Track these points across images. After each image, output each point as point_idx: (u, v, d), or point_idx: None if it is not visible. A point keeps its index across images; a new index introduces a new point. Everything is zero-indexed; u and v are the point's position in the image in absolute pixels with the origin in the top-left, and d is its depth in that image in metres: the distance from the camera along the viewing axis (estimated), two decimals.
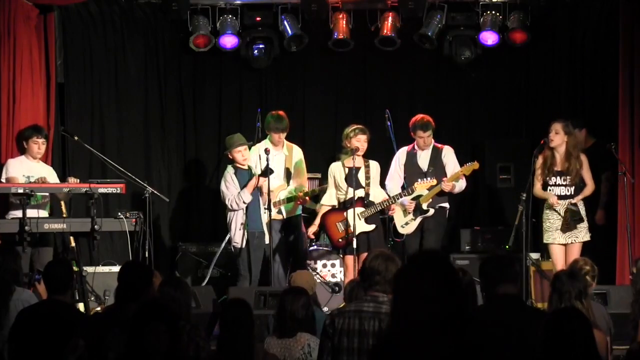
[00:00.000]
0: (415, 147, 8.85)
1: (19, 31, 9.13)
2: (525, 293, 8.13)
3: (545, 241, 8.33)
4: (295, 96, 10.87)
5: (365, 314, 4.56)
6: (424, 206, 8.64)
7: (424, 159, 8.82)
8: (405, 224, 8.72)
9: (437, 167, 8.74)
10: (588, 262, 6.29)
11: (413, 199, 8.62)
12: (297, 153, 9.07)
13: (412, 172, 8.78)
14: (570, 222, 8.15)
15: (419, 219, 8.69)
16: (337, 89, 10.87)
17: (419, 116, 8.84)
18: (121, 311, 4.52)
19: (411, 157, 8.85)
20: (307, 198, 8.84)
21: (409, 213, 8.67)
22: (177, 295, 4.98)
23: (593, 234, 8.48)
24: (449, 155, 8.83)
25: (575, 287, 5.08)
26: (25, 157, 8.57)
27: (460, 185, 8.74)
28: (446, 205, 8.82)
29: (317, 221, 8.61)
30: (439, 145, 8.88)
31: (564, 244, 8.20)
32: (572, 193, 8.24)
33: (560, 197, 8.24)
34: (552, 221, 8.25)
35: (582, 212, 8.25)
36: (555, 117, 8.49)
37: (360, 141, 8.39)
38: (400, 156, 8.92)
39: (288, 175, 8.97)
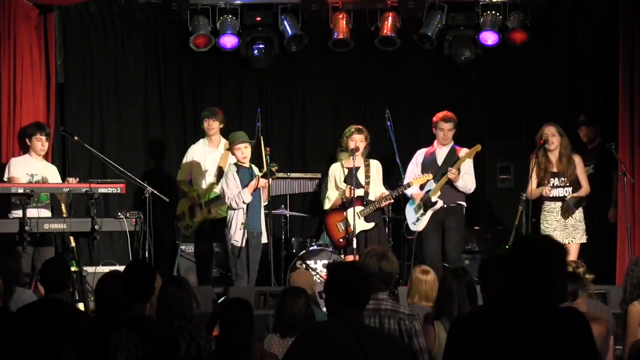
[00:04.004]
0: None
1: (19, 31, 9.14)
2: None
3: None
4: (295, 96, 10.88)
5: (366, 312, 4.58)
6: (433, 199, 8.63)
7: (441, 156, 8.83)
8: (417, 220, 8.71)
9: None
10: (580, 263, 6.26)
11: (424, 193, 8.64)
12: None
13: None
14: (570, 207, 8.12)
15: (429, 213, 8.67)
16: (337, 89, 10.87)
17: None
18: (126, 311, 4.50)
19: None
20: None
21: (421, 208, 8.66)
22: (181, 295, 4.97)
23: (593, 234, 8.45)
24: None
25: (577, 286, 5.08)
26: (28, 156, 8.59)
27: (466, 181, 8.67)
28: (463, 203, 8.76)
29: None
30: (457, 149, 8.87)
31: None
32: (570, 194, 8.23)
33: (557, 199, 8.23)
34: (549, 222, 8.25)
35: (580, 214, 8.22)
36: (550, 119, 8.49)
37: (355, 141, 8.40)
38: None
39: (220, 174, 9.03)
